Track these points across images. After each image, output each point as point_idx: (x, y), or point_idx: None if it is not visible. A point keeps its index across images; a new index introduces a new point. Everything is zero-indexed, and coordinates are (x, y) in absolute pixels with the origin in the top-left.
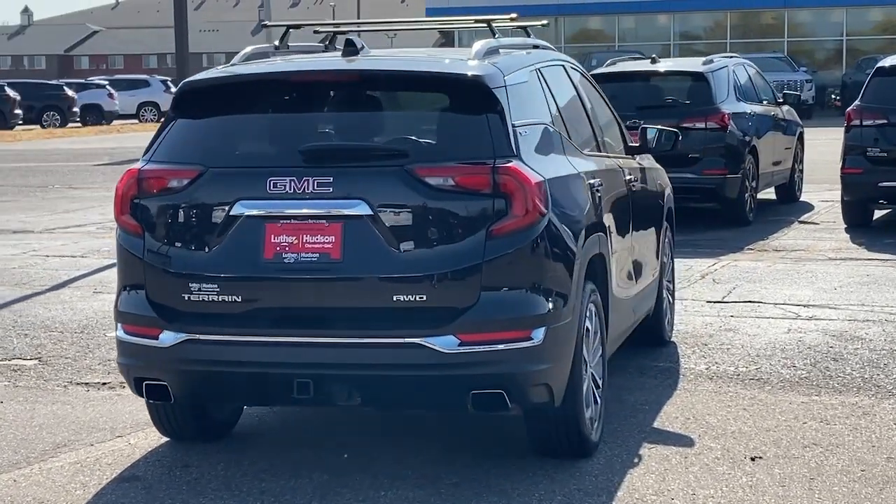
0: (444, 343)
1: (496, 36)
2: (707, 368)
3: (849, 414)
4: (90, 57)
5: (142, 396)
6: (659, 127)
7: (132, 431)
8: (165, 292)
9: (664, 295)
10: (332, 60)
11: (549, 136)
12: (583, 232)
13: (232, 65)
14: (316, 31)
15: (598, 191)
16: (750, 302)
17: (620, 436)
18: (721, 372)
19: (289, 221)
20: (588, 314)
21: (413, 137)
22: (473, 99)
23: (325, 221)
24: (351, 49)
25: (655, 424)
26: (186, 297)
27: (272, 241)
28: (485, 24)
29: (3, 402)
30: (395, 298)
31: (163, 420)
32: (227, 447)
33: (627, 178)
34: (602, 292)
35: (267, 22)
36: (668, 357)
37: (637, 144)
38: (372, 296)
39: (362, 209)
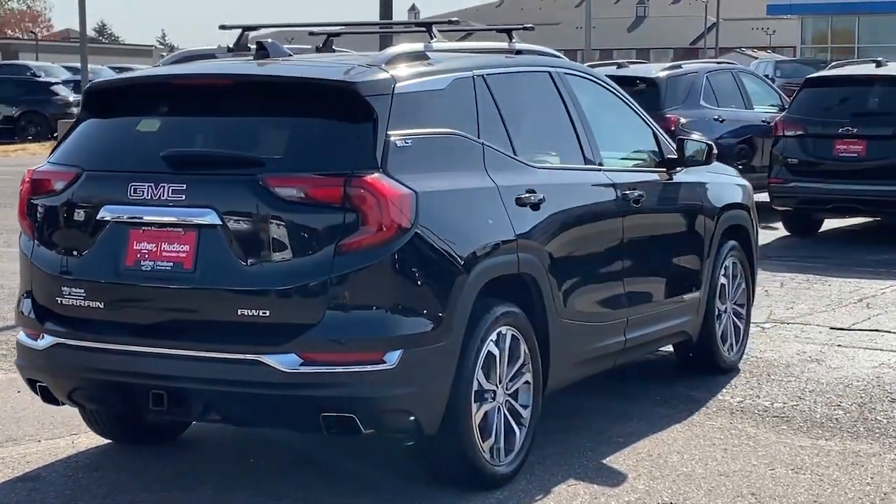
0: (286, 362)
1: (433, 38)
2: (740, 402)
3: (835, 463)
4: None
5: (38, 396)
6: (697, 139)
7: (89, 430)
8: (44, 295)
9: (722, 320)
10: (224, 65)
11: (455, 148)
12: (480, 250)
13: (157, 66)
14: (311, 34)
15: (536, 206)
16: (876, 331)
17: (554, 468)
18: (751, 406)
19: (150, 228)
20: (494, 339)
21: (274, 146)
22: (344, 107)
23: (181, 230)
24: (262, 52)
25: (607, 459)
26: (60, 300)
27: (134, 247)
28: (424, 27)
29: (20, 392)
30: (239, 312)
31: (91, 421)
32: (158, 452)
33: (625, 193)
34: (537, 316)
35: (225, 24)
36: (710, 386)
37: (675, 157)
38: (218, 309)
39: (212, 218)
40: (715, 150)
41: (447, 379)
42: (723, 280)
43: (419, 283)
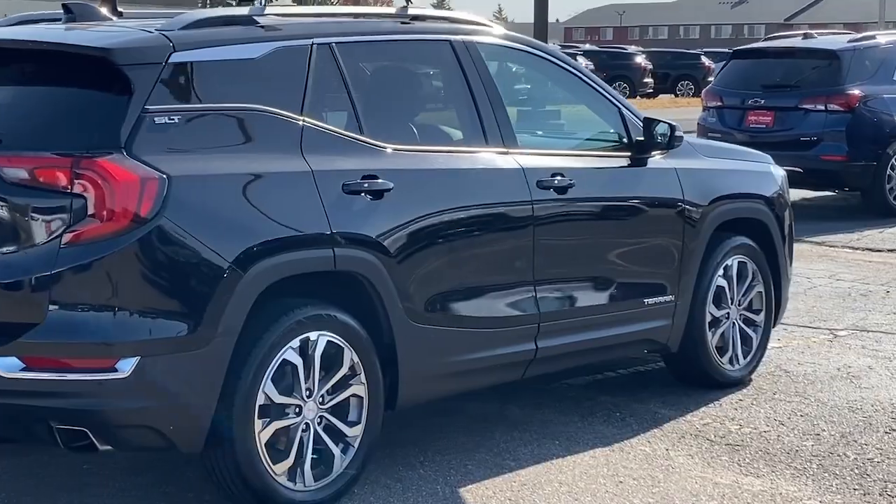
0: (5, 365)
1: (261, 2)
2: (705, 424)
3: None
4: (809, 25)
5: None
6: (662, 119)
7: None
8: None
9: (720, 327)
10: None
11: (256, 126)
12: (266, 244)
13: None
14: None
15: (378, 195)
16: None
17: (395, 495)
18: (712, 431)
19: None
20: (296, 346)
21: (20, 120)
22: (100, 77)
23: None
24: (70, 16)
25: (468, 486)
26: None
27: None
28: None
29: None
30: None
31: None
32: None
33: (543, 180)
34: (380, 320)
35: None
36: (688, 404)
37: (643, 139)
38: None
39: None
40: (679, 133)
41: (210, 391)
42: (720, 282)
43: (165, 281)
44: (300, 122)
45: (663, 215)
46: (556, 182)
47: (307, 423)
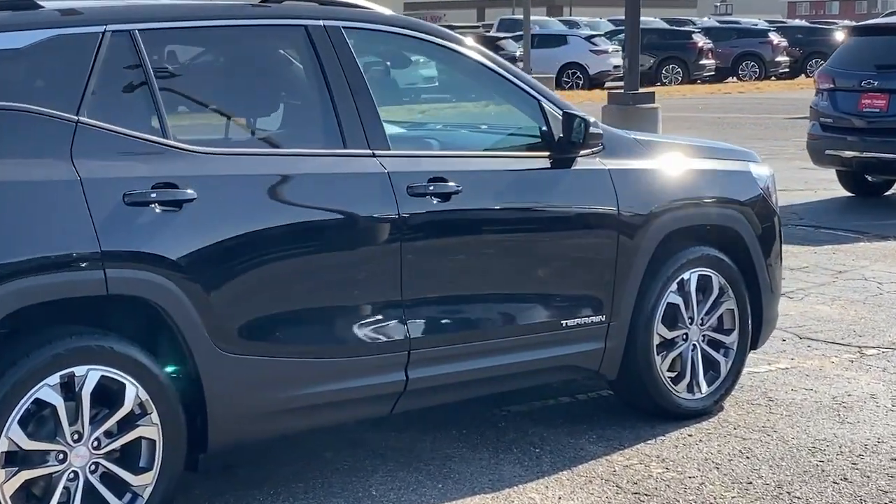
0: None
1: None
2: (626, 467)
3: None
4: None
5: None
6: (581, 114)
7: None
8: None
9: (673, 350)
10: None
11: (8, 128)
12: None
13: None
14: None
15: (176, 205)
16: None
17: None
18: (624, 475)
19: None
20: (55, 383)
21: None
22: None
23: None
24: None
25: None
26: None
27: None
28: None
29: None
30: None
31: None
32: None
33: (415, 186)
34: (178, 353)
35: None
36: (626, 439)
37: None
38: None
39: None
40: (594, 129)
41: None
42: (673, 299)
43: None
44: (73, 123)
45: (588, 224)
46: (432, 188)
47: (75, 472)
